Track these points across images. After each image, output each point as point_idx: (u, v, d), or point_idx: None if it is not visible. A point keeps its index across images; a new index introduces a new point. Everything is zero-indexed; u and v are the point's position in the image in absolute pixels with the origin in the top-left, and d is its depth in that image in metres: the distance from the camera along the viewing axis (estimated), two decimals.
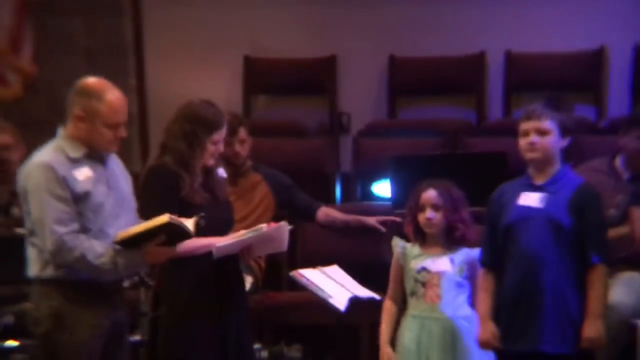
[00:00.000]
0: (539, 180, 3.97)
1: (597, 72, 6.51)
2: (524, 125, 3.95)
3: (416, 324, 4.11)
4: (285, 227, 4.01)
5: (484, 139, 6.19)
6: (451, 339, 4.07)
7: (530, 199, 3.94)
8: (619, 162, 4.92)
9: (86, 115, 3.77)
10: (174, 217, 3.70)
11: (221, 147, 4.03)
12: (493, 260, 3.99)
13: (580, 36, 6.57)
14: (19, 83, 6.73)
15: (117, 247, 3.72)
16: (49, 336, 3.75)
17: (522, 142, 3.96)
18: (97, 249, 3.71)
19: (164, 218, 3.68)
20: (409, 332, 4.12)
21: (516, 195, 3.97)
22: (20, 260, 3.86)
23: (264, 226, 3.99)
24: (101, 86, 3.81)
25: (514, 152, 5.55)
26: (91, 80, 3.83)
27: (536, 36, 6.63)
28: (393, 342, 4.21)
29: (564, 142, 3.97)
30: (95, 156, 3.84)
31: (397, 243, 4.26)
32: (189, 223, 3.75)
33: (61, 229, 3.68)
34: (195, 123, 3.95)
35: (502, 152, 5.64)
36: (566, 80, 6.37)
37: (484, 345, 3.97)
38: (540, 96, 4.94)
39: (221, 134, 4.01)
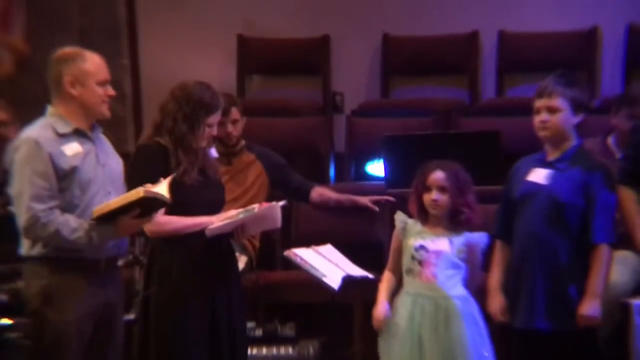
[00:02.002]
0: (552, 156, 3.99)
1: (590, 51, 6.49)
2: (536, 103, 3.97)
3: (409, 301, 4.12)
4: (277, 206, 4.00)
5: (477, 119, 6.19)
6: (444, 317, 4.08)
7: (538, 175, 3.97)
8: (611, 141, 4.93)
9: (77, 79, 3.81)
10: (149, 189, 3.69)
11: (214, 130, 4.03)
12: (507, 234, 4.04)
13: (573, 16, 6.55)
14: (11, 60, 6.71)
15: (92, 221, 3.73)
16: (37, 314, 3.77)
17: (535, 120, 3.98)
18: (71, 224, 3.72)
19: (139, 193, 3.67)
20: (402, 310, 4.13)
21: (528, 170, 4.01)
22: (14, 239, 3.86)
23: (255, 206, 3.99)
24: (77, 50, 3.88)
25: (507, 132, 5.65)
26: (65, 49, 3.88)
27: (529, 16, 6.61)
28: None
29: (577, 119, 3.97)
30: (84, 133, 3.85)
31: (400, 218, 4.25)
32: (164, 185, 3.72)
33: (37, 206, 3.70)
34: (195, 105, 3.94)
35: (495, 131, 5.64)
36: (559, 59, 6.35)
37: (493, 316, 4.02)
38: (534, 75, 4.94)
39: (217, 117, 4.01)
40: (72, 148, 3.79)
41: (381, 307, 4.14)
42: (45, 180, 3.72)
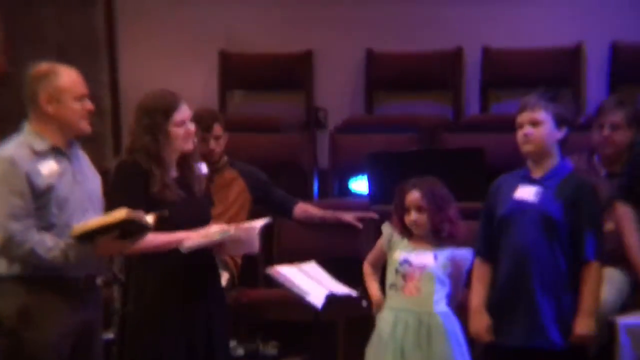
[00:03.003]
0: (537, 174, 3.97)
1: (575, 68, 6.49)
2: (519, 118, 3.96)
3: (392, 315, 4.10)
4: (254, 229, 3.95)
5: (461, 135, 6.18)
6: (426, 333, 4.05)
7: (526, 193, 3.94)
8: (596, 159, 4.92)
9: (53, 96, 3.76)
10: (132, 212, 3.65)
11: (192, 127, 3.96)
12: (488, 251, 4.01)
13: (557, 33, 6.55)
14: None
15: (69, 240, 3.68)
16: (14, 334, 3.70)
17: (518, 134, 3.95)
18: (47, 243, 3.67)
19: (121, 214, 3.63)
20: (384, 324, 4.11)
21: (513, 187, 3.98)
22: None
23: (232, 228, 3.93)
24: (52, 66, 3.83)
25: (491, 148, 5.64)
26: (40, 65, 3.83)
27: (513, 32, 6.61)
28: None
29: (561, 134, 3.96)
30: (60, 150, 3.81)
31: (387, 230, 4.24)
32: (149, 218, 3.70)
33: (13, 225, 3.65)
34: (151, 113, 3.88)
35: (479, 148, 5.64)
36: (543, 76, 6.34)
37: (475, 337, 3.98)
38: (518, 92, 4.93)
39: (182, 113, 3.92)
40: (49, 166, 3.74)
41: (378, 294, 4.18)
42: (22, 199, 3.67)
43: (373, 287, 4.25)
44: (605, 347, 4.34)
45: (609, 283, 4.44)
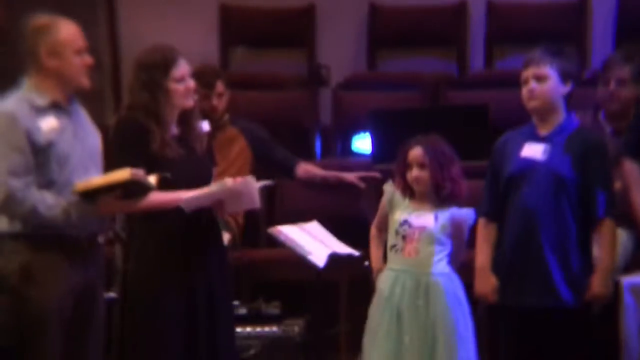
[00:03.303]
0: (543, 131, 3.92)
1: (581, 22, 6.45)
2: (524, 73, 3.91)
3: (392, 276, 4.09)
4: (252, 182, 3.90)
5: (466, 92, 6.15)
6: (424, 293, 4.04)
7: (533, 150, 3.89)
8: (601, 115, 4.88)
9: (53, 50, 3.72)
10: (135, 171, 3.63)
11: (191, 83, 3.90)
12: (494, 211, 3.97)
13: None
14: None
15: (72, 198, 3.66)
16: (17, 292, 3.69)
17: (523, 90, 3.91)
18: (48, 201, 3.65)
19: (125, 174, 3.61)
20: (383, 285, 4.10)
21: (520, 145, 3.93)
22: None
23: (229, 180, 3.90)
24: (51, 19, 3.78)
25: (496, 104, 5.59)
26: (39, 19, 3.78)
27: None
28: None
29: (566, 89, 3.91)
30: (60, 106, 3.77)
31: (388, 189, 4.21)
32: (152, 179, 3.68)
33: (14, 182, 3.62)
34: (149, 69, 3.82)
35: (484, 105, 5.60)
36: (549, 30, 6.30)
37: (481, 297, 3.96)
38: (523, 47, 4.89)
39: (181, 69, 3.85)
40: (48, 122, 3.71)
41: (379, 262, 4.16)
42: (22, 155, 3.64)
43: (375, 253, 4.23)
44: (609, 306, 4.33)
45: None
